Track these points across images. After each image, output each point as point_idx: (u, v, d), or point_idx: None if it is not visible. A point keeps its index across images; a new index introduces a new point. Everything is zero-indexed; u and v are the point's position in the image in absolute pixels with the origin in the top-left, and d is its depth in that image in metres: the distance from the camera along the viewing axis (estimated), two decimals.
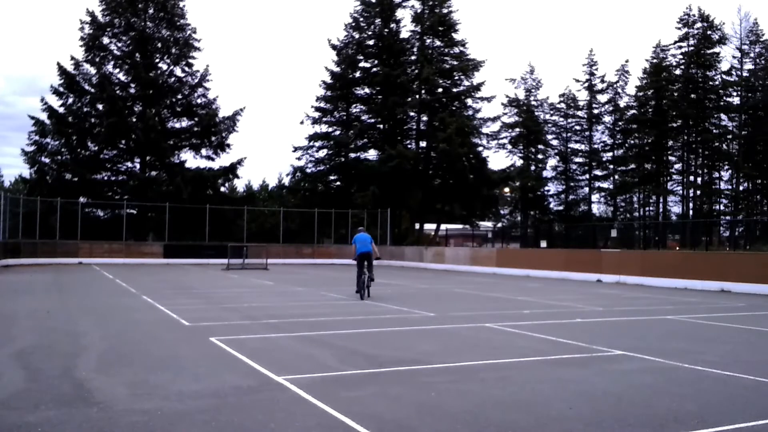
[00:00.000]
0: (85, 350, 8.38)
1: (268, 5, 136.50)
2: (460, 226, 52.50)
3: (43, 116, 42.99)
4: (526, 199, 59.65)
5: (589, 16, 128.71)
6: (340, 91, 51.27)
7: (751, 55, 58.00)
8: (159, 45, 46.26)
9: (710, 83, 57.86)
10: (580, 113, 62.74)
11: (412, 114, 50.92)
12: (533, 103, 62.56)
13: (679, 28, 58.16)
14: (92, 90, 44.08)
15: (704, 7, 72.84)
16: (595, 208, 62.98)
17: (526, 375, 7.16)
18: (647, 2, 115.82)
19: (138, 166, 45.86)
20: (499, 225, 55.64)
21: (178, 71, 46.95)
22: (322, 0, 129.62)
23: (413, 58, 50.44)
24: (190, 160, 54.56)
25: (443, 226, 50.30)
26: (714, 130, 57.70)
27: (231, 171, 47.42)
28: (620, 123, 61.45)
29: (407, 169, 45.98)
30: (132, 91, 45.61)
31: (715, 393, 6.45)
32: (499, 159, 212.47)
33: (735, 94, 58.10)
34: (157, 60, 46.61)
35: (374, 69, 51.11)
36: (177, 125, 47.32)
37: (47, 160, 43.63)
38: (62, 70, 43.54)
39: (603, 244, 35.96)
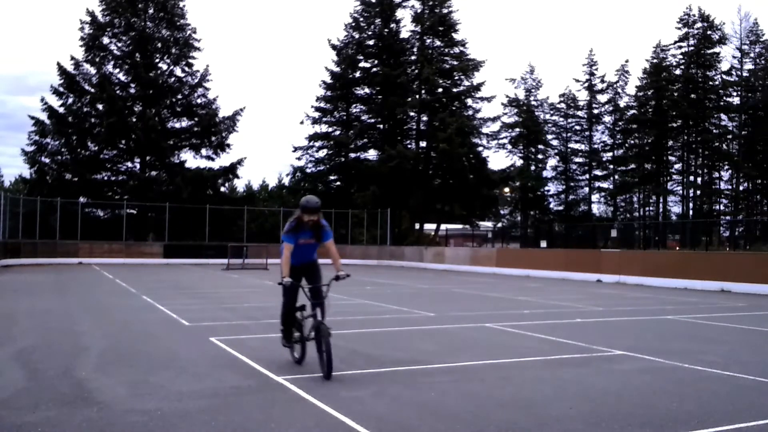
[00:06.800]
0: (85, 350, 8.36)
1: (268, 5, 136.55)
2: (460, 226, 52.46)
3: (43, 116, 43.06)
4: (526, 199, 59.62)
5: (589, 16, 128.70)
6: (340, 91, 51.28)
7: (751, 55, 58.02)
8: (159, 45, 46.24)
9: (710, 83, 57.84)
10: (580, 113, 62.75)
11: (412, 114, 50.90)
12: (533, 103, 62.58)
13: (679, 28, 58.19)
14: (92, 90, 44.02)
15: (704, 7, 72.49)
16: (595, 208, 63.03)
17: (526, 375, 7.15)
18: (647, 2, 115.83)
19: (138, 166, 45.84)
20: (499, 225, 55.59)
21: (178, 71, 47.02)
22: (322, 0, 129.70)
23: (413, 58, 50.42)
24: (190, 160, 54.54)
25: (443, 226, 50.28)
26: (714, 130, 57.68)
27: (231, 171, 47.41)
28: (620, 123, 61.43)
29: (407, 169, 45.97)
30: (132, 91, 45.59)
31: (715, 393, 6.44)
32: (499, 159, 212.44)
33: (735, 94, 58.10)
34: (157, 60, 46.60)
35: (374, 69, 51.13)
36: (177, 125, 47.33)
37: (47, 160, 43.59)
38: (62, 70, 43.49)
39: (603, 244, 35.93)
